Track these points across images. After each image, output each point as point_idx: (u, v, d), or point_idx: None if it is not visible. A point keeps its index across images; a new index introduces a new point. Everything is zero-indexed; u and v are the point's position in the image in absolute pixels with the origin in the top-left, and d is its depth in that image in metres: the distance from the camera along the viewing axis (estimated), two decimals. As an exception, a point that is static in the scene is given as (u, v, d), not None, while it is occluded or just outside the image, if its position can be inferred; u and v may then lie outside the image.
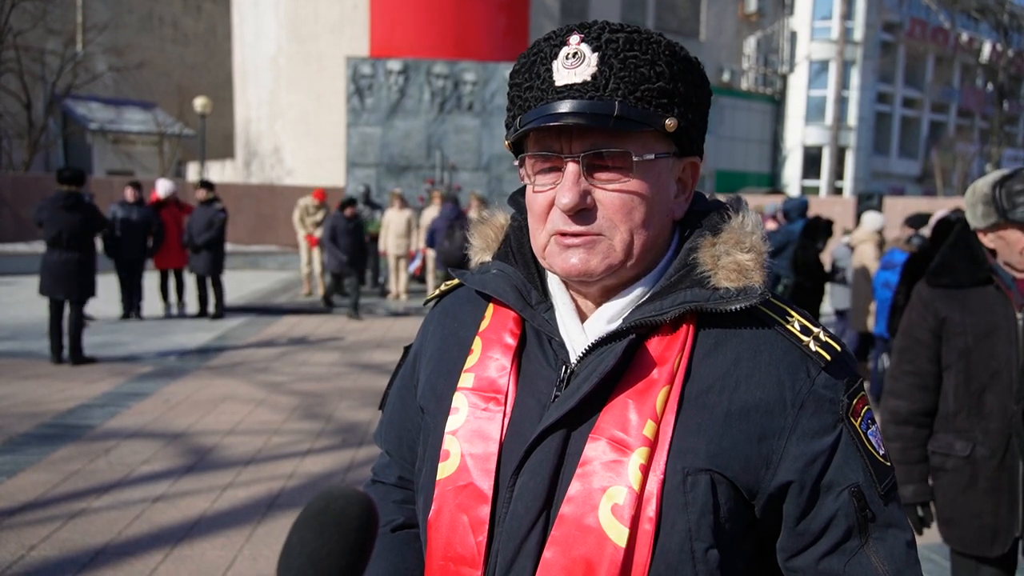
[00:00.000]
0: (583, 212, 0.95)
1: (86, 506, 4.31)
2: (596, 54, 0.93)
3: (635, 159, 0.94)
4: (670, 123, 0.94)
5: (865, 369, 7.16)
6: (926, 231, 6.55)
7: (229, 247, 18.37)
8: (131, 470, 4.87)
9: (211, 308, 11.04)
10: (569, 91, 0.93)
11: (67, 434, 5.54)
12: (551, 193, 0.97)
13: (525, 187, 1.05)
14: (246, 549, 3.87)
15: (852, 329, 7.68)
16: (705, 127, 1.03)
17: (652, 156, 0.95)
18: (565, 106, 0.92)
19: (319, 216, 12.69)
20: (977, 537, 2.40)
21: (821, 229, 7.55)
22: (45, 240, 7.74)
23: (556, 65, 0.94)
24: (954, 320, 2.39)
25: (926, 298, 2.48)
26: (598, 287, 1.00)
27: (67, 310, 7.83)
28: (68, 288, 7.70)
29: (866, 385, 2.33)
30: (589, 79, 0.92)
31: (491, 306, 1.09)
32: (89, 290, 7.90)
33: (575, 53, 0.93)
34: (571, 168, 0.94)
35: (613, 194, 0.95)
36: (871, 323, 7.23)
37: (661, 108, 0.94)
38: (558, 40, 0.95)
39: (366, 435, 5.73)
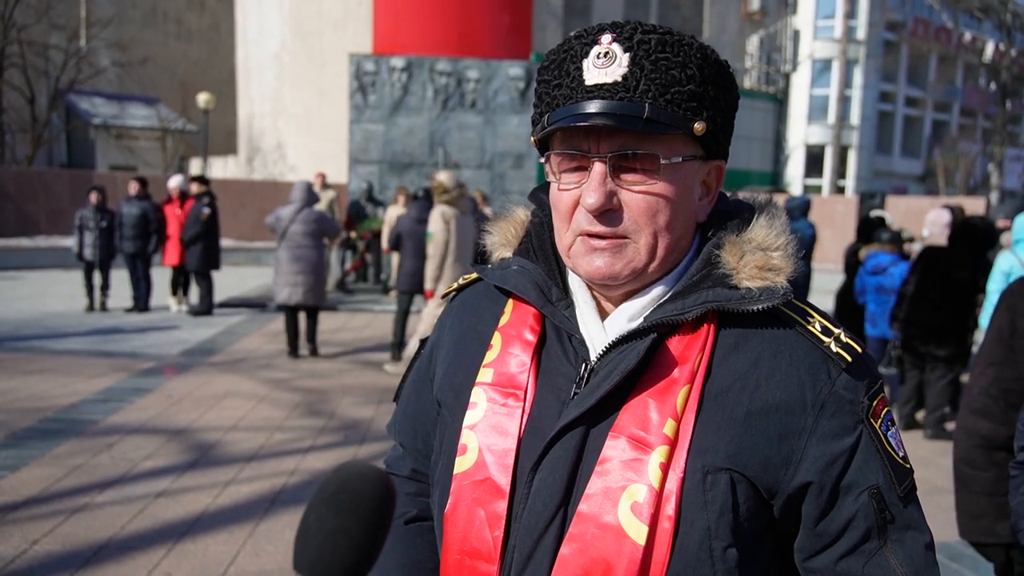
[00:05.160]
0: (608, 213, 0.94)
1: (89, 501, 4.30)
2: (628, 54, 0.92)
3: (663, 162, 0.93)
4: (698, 127, 0.93)
5: None
6: (924, 230, 6.52)
7: (231, 243, 18.43)
8: (134, 465, 4.87)
9: (192, 300, 11.05)
10: (599, 91, 0.92)
11: (70, 429, 5.54)
12: (576, 192, 0.96)
13: (548, 184, 1.04)
14: (248, 544, 3.87)
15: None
16: (731, 130, 1.02)
17: (679, 159, 0.95)
18: (594, 106, 0.91)
19: (326, 200, 12.59)
20: None
21: (874, 226, 7.44)
22: None
23: (587, 64, 0.93)
24: None
25: None
26: (621, 291, 1.00)
27: None
28: None
29: None
30: (620, 80, 0.91)
31: (511, 301, 1.08)
32: None
33: (606, 53, 0.92)
34: (598, 168, 0.93)
35: (639, 196, 0.94)
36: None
37: (690, 111, 0.93)
38: (589, 39, 0.94)
39: (368, 432, 5.73)
